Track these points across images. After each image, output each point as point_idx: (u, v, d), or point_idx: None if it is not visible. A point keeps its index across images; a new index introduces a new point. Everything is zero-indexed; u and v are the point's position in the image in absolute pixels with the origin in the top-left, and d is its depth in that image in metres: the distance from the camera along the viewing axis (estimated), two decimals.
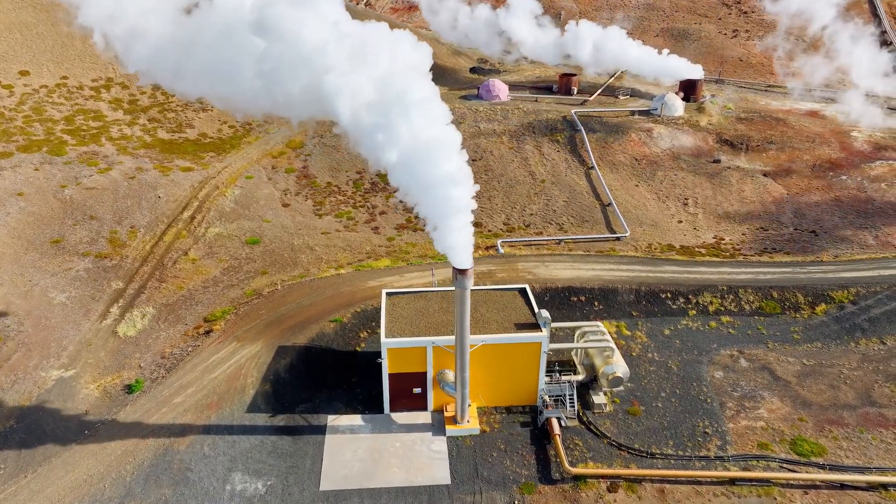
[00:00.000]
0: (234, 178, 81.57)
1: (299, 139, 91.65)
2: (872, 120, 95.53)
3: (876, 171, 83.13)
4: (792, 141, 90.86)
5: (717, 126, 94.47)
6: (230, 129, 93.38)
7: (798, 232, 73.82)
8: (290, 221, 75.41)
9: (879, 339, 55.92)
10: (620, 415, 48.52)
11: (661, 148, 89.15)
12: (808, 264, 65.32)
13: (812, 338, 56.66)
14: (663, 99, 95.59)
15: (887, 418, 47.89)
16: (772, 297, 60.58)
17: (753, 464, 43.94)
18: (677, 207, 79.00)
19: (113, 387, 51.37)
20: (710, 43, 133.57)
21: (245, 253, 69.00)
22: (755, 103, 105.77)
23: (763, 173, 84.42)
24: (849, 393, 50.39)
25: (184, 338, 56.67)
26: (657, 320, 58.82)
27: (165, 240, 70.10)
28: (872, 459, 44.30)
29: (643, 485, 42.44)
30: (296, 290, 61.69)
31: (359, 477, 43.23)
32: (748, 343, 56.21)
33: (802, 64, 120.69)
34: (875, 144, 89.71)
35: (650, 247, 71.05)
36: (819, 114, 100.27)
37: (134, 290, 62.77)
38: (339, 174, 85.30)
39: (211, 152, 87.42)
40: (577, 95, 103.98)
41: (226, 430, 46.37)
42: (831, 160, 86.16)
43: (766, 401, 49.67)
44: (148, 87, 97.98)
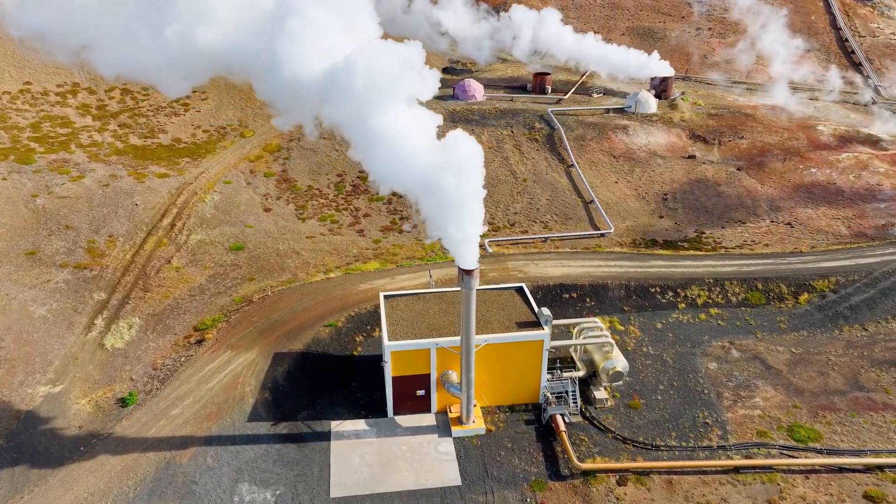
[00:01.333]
0: (212, 184, 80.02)
1: (276, 142, 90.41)
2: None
3: (843, 164, 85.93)
4: (761, 135, 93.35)
5: (690, 122, 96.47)
6: (204, 133, 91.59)
7: (774, 224, 75.86)
8: (273, 226, 74.34)
9: (861, 326, 57.85)
10: (622, 409, 49.19)
11: (638, 145, 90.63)
12: (788, 255, 67.18)
13: (798, 326, 58.31)
14: (637, 97, 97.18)
15: (876, 402, 49.59)
16: (756, 288, 62.15)
17: (755, 451, 45.02)
18: (657, 203, 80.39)
19: (105, 401, 49.94)
20: (675, 41, 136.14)
21: (230, 259, 67.78)
22: (723, 99, 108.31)
23: (737, 168, 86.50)
24: (838, 379, 52.02)
25: (175, 348, 55.42)
26: (648, 314, 59.80)
27: (146, 248, 68.40)
28: (866, 442, 45.81)
29: (651, 477, 43.11)
30: (287, 296, 60.87)
31: (369, 482, 42.90)
32: (738, 334, 57.57)
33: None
34: (840, 137, 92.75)
35: (634, 242, 72.19)
36: (785, 108, 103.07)
37: (118, 300, 61.10)
38: (319, 177, 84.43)
39: (186, 157, 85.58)
40: (552, 94, 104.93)
41: (228, 440, 45.51)
42: (800, 153, 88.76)
43: (760, 390, 50.93)
44: (117, 91, 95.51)
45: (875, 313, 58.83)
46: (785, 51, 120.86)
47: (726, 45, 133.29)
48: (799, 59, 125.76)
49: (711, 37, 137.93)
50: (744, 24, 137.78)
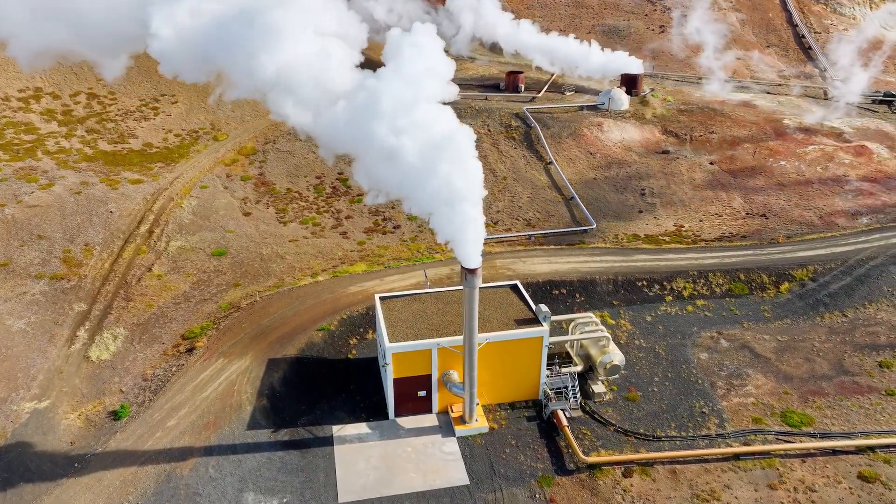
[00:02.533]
0: (188, 189, 78.32)
1: (251, 145, 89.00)
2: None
3: (810, 156, 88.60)
4: (731, 130, 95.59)
5: (661, 118, 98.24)
6: (176, 137, 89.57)
7: (750, 216, 77.81)
8: (254, 230, 73.15)
9: (841, 313, 59.76)
10: (620, 402, 49.86)
11: (613, 141, 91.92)
12: (766, 246, 68.99)
13: (781, 315, 59.93)
14: (609, 94, 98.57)
15: (861, 385, 51.30)
16: (739, 279, 63.67)
17: (752, 438, 46.14)
18: (636, 198, 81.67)
19: (96, 415, 48.49)
20: (640, 38, 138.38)
21: (212, 265, 66.46)
22: (690, 95, 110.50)
23: (710, 162, 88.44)
24: (823, 364, 53.65)
25: (164, 357, 54.13)
26: (637, 308, 60.71)
27: (125, 256, 66.60)
28: (856, 425, 47.36)
29: (655, 467, 43.80)
30: (276, 301, 59.99)
31: (376, 485, 42.59)
32: (725, 324, 58.88)
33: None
34: (806, 130, 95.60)
35: (616, 237, 73.21)
36: (751, 104, 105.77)
37: (99, 311, 59.37)
38: (297, 179, 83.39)
39: (159, 162, 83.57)
40: (525, 93, 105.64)
41: (229, 449, 44.66)
42: (769, 147, 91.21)
43: (751, 378, 52.21)
44: (83, 96, 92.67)
45: (853, 300, 60.83)
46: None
47: (688, 42, 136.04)
48: (761, 55, 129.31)
49: (674, 34, 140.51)
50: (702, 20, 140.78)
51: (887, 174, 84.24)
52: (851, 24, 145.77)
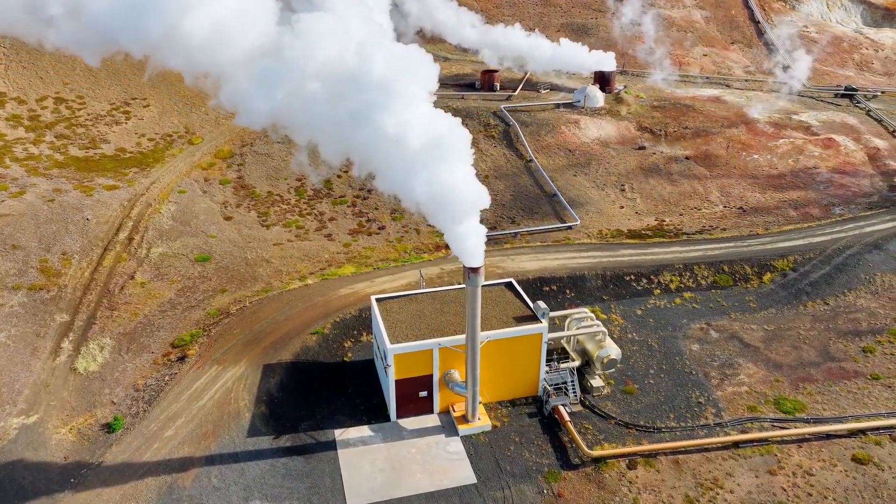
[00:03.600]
0: (166, 194, 76.65)
1: (227, 148, 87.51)
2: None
3: (781, 149, 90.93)
4: (704, 125, 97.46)
5: (636, 115, 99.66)
6: (150, 141, 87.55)
7: (727, 209, 79.54)
8: (237, 235, 71.97)
9: (823, 301, 61.48)
10: (618, 395, 50.45)
11: (590, 138, 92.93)
12: (746, 238, 70.56)
13: (766, 305, 61.37)
14: (585, 91, 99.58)
15: (847, 370, 52.86)
16: (723, 270, 65.01)
17: (749, 426, 47.16)
18: (616, 194, 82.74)
19: (88, 428, 47.14)
20: (608, 36, 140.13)
21: (197, 271, 65.19)
22: (662, 92, 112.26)
23: (685, 157, 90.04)
24: (810, 351, 55.13)
25: (155, 367, 52.90)
26: (627, 302, 61.52)
27: (105, 265, 64.86)
28: (846, 409, 48.79)
29: (658, 458, 44.45)
30: (266, 306, 59.13)
31: (384, 488, 42.33)
32: (713, 315, 60.05)
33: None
34: (775, 124, 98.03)
35: (600, 233, 74.06)
36: (720, 99, 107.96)
37: (83, 321, 57.72)
38: (278, 182, 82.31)
39: (133, 168, 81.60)
40: (501, 91, 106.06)
41: (230, 458, 43.90)
42: (741, 141, 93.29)
43: (742, 367, 53.35)
44: (50, 100, 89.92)
45: (833, 288, 62.63)
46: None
47: (655, 40, 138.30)
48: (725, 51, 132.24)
49: (642, 31, 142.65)
50: (671, 18, 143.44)
51: (855, 166, 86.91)
52: (810, 20, 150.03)
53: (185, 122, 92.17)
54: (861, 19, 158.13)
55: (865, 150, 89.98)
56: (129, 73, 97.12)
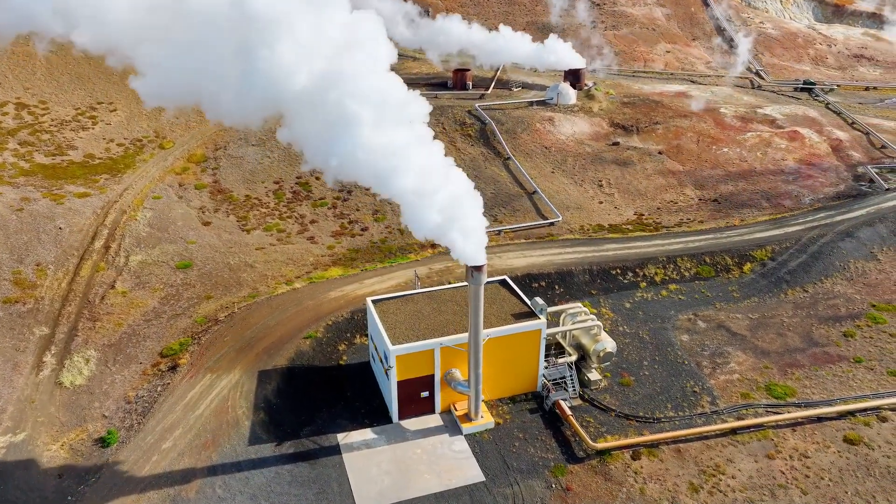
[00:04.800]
0: (140, 201, 74.69)
1: (200, 152, 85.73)
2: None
3: (749, 142, 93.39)
4: (673, 120, 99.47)
5: (608, 111, 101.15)
6: (119, 147, 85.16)
7: (703, 202, 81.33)
8: (217, 240, 70.55)
9: (802, 288, 63.37)
10: (615, 387, 51.12)
11: (565, 135, 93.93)
12: (724, 229, 72.29)
13: (749, 294, 62.97)
14: (558, 88, 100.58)
15: (831, 355, 54.60)
16: (705, 262, 66.47)
17: (744, 412, 48.31)
18: (594, 190, 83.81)
19: (81, 443, 45.62)
20: (573, 34, 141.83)
21: (179, 279, 63.69)
22: (629, 88, 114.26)
23: (658, 152, 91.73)
24: (794, 338, 56.77)
25: (144, 378, 51.50)
26: (615, 295, 62.39)
27: (82, 274, 62.87)
28: (833, 392, 50.38)
29: (661, 448, 45.19)
30: (255, 311, 58.13)
31: (393, 490, 42.04)
32: (699, 306, 61.34)
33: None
34: (742, 118, 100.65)
35: (582, 228, 74.92)
36: (687, 94, 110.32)
37: (64, 333, 55.87)
38: (255, 185, 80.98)
39: (104, 174, 79.28)
40: (473, 90, 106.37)
41: (233, 467, 43.05)
42: (711, 135, 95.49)
43: (732, 355, 54.63)
44: (10, 106, 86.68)
45: (811, 276, 64.62)
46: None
47: (618, 37, 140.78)
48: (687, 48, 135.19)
49: (605, 29, 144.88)
50: (633, 16, 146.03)
51: (820, 157, 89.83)
52: (765, 16, 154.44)
53: (154, 126, 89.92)
54: (813, 15, 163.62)
55: (829, 142, 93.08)
56: (93, 77, 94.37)
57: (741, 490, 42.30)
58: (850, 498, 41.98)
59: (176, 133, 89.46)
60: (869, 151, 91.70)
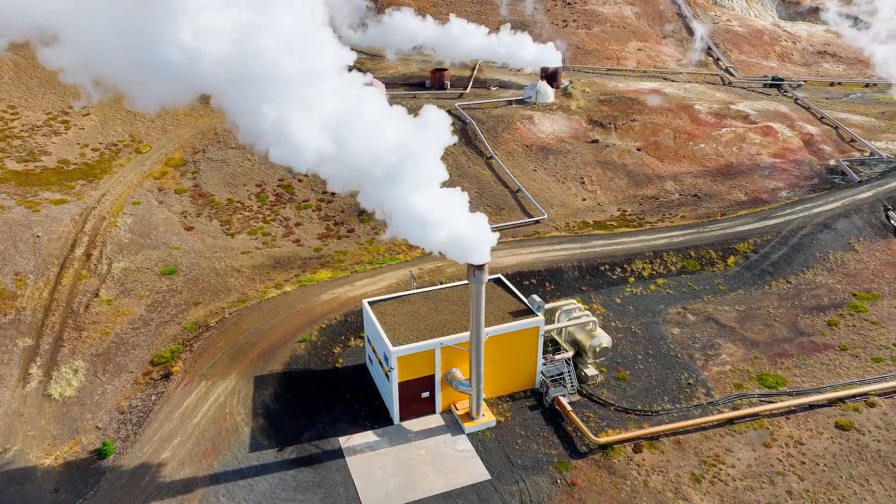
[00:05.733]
0: (119, 206, 73.08)
1: (179, 156, 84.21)
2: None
3: (724, 138, 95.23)
4: (650, 117, 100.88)
5: (585, 109, 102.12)
6: (94, 152, 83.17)
7: (683, 197, 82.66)
8: (201, 245, 69.41)
9: (785, 280, 64.84)
10: (612, 382, 51.68)
11: (545, 133, 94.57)
12: (707, 224, 73.58)
13: (734, 286, 64.22)
14: (536, 87, 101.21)
15: (818, 344, 55.99)
16: (690, 256, 67.58)
17: (739, 402, 49.25)
18: (577, 187, 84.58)
19: (76, 456, 44.47)
20: (546, 33, 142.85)
21: (165, 285, 62.52)
22: (604, 86, 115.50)
23: (637, 148, 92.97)
24: (781, 328, 58.07)
25: (137, 387, 50.43)
26: (605, 291, 63.06)
27: (64, 283, 61.28)
28: (822, 380, 51.66)
29: (661, 440, 45.82)
30: (247, 316, 57.33)
31: (399, 492, 41.88)
32: (687, 299, 62.34)
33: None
34: (716, 114, 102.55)
35: (568, 225, 75.56)
36: (660, 91, 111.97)
37: (49, 344, 54.39)
38: (237, 189, 79.86)
39: (80, 180, 77.33)
40: (451, 89, 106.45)
41: (236, 475, 42.43)
42: (687, 131, 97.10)
43: (723, 347, 55.66)
44: None
45: (792, 267, 66.15)
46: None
47: (591, 36, 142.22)
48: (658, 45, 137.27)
49: (577, 28, 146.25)
50: (604, 14, 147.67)
51: (793, 151, 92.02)
52: (732, 14, 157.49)
53: (129, 129, 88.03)
54: (777, 13, 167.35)
55: (801, 137, 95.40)
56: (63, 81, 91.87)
57: (741, 479, 43.14)
58: (844, 482, 43.11)
59: (152, 137, 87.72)
60: (839, 145, 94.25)
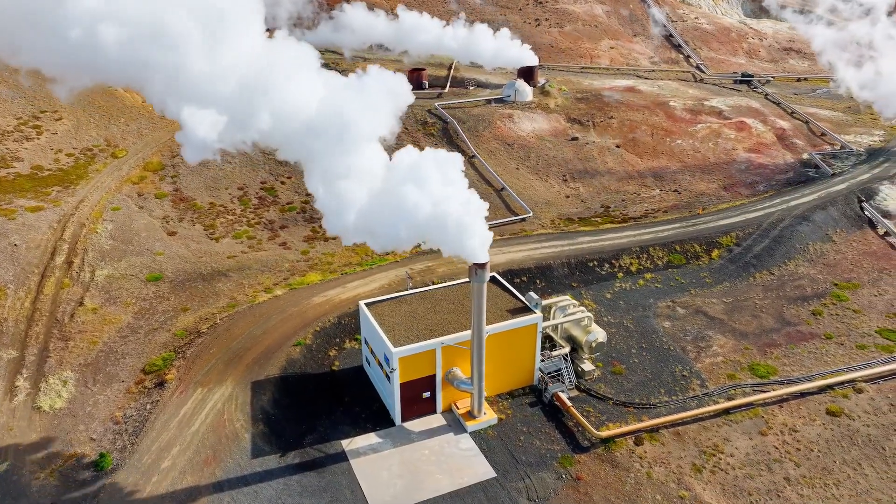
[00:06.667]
0: (99, 213, 71.43)
1: (157, 160, 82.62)
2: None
3: (700, 134, 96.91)
4: (626, 114, 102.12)
5: (563, 107, 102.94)
6: (68, 157, 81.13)
7: (664, 192, 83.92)
8: (185, 250, 68.25)
9: (768, 271, 66.28)
10: (608, 376, 52.27)
11: (525, 131, 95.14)
12: (690, 218, 74.80)
13: (720, 279, 65.42)
14: (514, 86, 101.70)
15: (804, 333, 57.39)
16: (676, 250, 68.65)
17: (733, 393, 50.25)
18: (560, 184, 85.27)
19: (71, 469, 43.40)
20: (519, 32, 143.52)
21: (151, 292, 61.35)
22: (580, 84, 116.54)
23: (616, 145, 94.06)
24: (768, 319, 59.37)
25: (130, 396, 49.41)
26: (595, 287, 63.71)
27: (46, 292, 59.72)
28: (811, 368, 52.99)
29: (661, 432, 46.52)
30: (239, 321, 56.57)
31: (406, 493, 41.79)
32: (675, 293, 63.32)
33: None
34: (690, 110, 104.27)
35: (553, 223, 76.15)
36: (635, 89, 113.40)
37: (35, 355, 52.98)
38: (219, 192, 78.70)
39: (55, 186, 75.37)
40: (430, 89, 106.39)
41: (240, 482, 41.90)
42: (664, 128, 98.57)
43: (713, 339, 56.69)
44: None
45: (775, 259, 67.65)
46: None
47: (563, 34, 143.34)
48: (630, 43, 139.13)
49: (550, 27, 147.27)
50: (575, 13, 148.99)
51: (767, 146, 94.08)
52: (700, 12, 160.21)
53: (104, 134, 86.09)
54: (742, 11, 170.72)
55: (773, 131, 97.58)
56: (32, 85, 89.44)
57: (740, 467, 44.04)
58: (838, 467, 44.32)
59: (128, 141, 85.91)
60: (811, 139, 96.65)
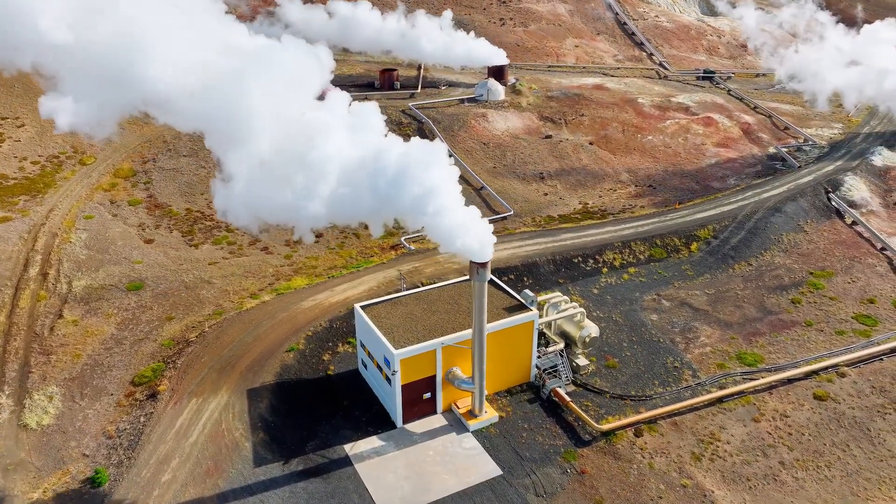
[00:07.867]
0: (71, 222, 69.27)
1: (128, 166, 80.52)
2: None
3: (669, 129, 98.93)
4: (597, 111, 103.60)
5: (535, 106, 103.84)
6: (34, 165, 78.40)
7: (638, 188, 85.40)
8: (164, 258, 66.68)
9: (746, 262, 68.08)
10: (603, 370, 53.00)
11: (500, 130, 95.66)
12: (667, 213, 76.30)
13: (701, 272, 66.93)
14: (487, 85, 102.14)
15: (785, 321, 59.16)
16: (656, 244, 69.96)
17: (724, 381, 51.50)
18: (537, 182, 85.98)
19: (66, 487, 42.02)
20: (485, 32, 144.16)
21: (132, 301, 59.77)
22: (549, 82, 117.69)
23: (589, 142, 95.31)
24: (750, 309, 61.00)
25: (121, 409, 48.07)
26: (581, 282, 64.48)
27: (21, 306, 57.69)
28: (795, 355, 54.68)
29: (659, 423, 47.39)
30: (228, 329, 55.52)
31: (414, 495, 41.67)
32: (659, 286, 64.53)
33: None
34: (658, 107, 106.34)
35: (534, 220, 76.77)
36: (603, 86, 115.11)
37: (16, 371, 51.16)
38: (194, 197, 77.06)
39: (22, 195, 72.81)
40: (402, 89, 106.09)
41: (244, 491, 41.20)
42: (634, 124, 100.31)
43: (700, 330, 57.99)
44: None
45: (751, 250, 69.52)
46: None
47: (528, 33, 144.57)
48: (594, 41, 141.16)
49: (515, 26, 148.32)
50: (539, 12, 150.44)
51: (734, 140, 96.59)
52: (659, 10, 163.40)
53: (70, 140, 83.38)
54: (699, 9, 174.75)
55: (739, 126, 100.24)
56: None
57: (737, 454, 45.19)
58: (829, 449, 45.88)
59: (96, 147, 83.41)
60: (775, 133, 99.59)
